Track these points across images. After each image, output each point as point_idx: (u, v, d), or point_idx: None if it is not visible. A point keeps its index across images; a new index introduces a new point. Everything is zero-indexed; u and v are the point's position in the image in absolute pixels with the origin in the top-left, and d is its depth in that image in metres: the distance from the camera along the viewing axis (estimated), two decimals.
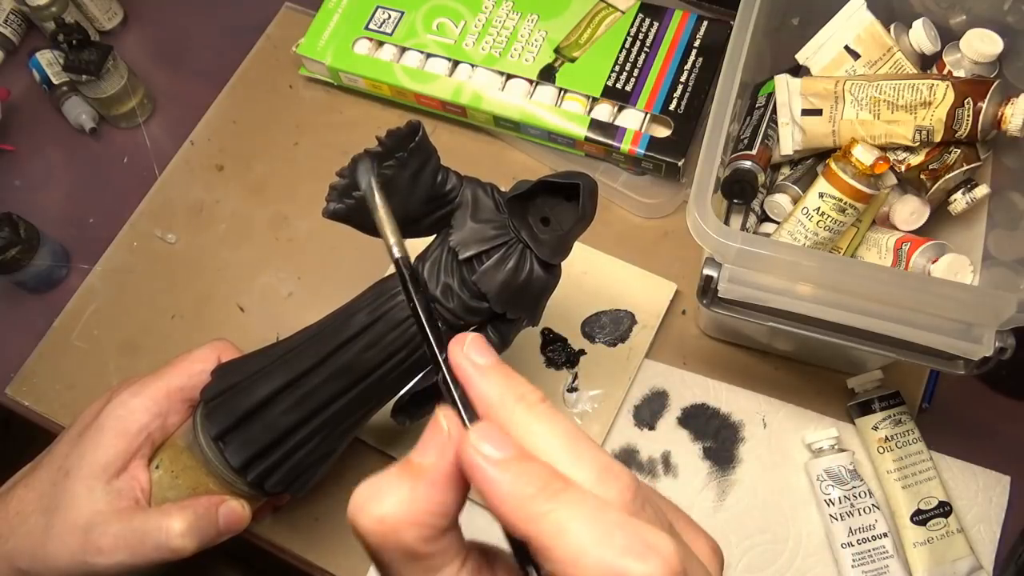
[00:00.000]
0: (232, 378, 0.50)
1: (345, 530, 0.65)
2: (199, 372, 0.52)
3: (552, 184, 0.45)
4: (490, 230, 0.45)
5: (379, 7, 0.80)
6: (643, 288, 0.70)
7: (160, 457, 0.52)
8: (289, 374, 0.48)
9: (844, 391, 0.66)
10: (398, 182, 0.43)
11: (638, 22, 0.76)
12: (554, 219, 0.46)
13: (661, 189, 0.73)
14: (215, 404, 0.50)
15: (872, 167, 0.56)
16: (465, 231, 0.45)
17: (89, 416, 0.52)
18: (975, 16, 0.61)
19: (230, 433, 0.49)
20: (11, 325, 0.75)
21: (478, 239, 0.45)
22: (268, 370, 0.49)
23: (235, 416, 0.49)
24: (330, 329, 0.48)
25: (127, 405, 0.51)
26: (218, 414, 0.50)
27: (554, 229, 0.46)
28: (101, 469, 0.49)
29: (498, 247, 0.45)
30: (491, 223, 0.46)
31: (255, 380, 0.49)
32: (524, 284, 0.46)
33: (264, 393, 0.48)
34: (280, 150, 0.80)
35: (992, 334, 0.50)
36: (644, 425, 0.66)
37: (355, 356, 0.47)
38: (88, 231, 0.78)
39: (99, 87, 0.77)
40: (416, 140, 0.43)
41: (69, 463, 0.50)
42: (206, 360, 0.53)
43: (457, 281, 0.46)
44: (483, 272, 0.45)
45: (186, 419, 0.53)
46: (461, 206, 0.46)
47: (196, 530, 0.49)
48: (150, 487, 0.51)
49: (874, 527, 0.60)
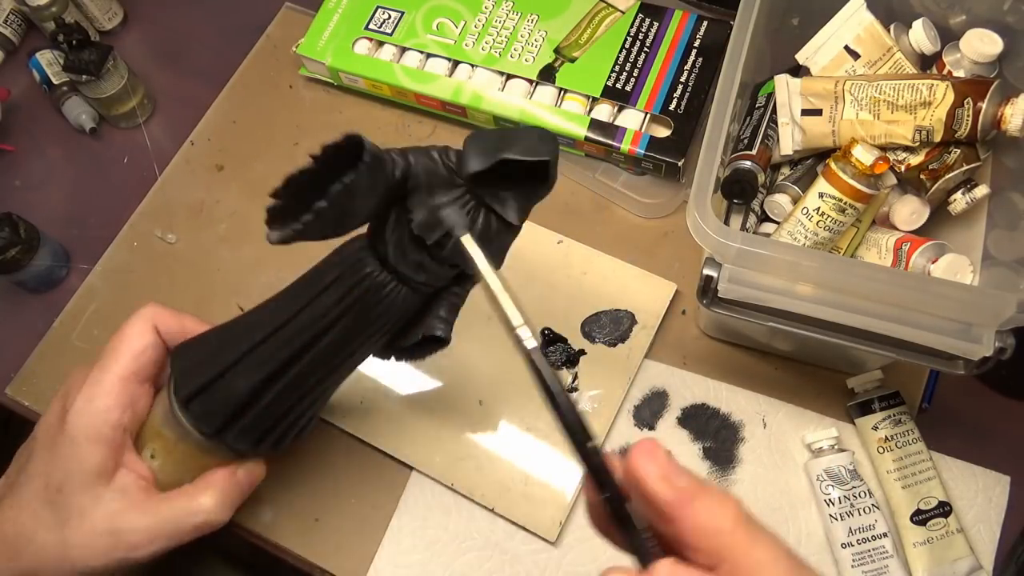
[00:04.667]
0: (205, 370, 0.49)
1: (345, 530, 0.65)
2: (144, 349, 0.51)
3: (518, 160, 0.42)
4: (448, 203, 0.43)
5: (379, 7, 0.80)
6: (643, 288, 0.70)
7: (151, 447, 0.52)
8: (272, 365, 0.47)
9: (844, 391, 0.66)
10: (355, 205, 0.41)
11: (638, 22, 0.76)
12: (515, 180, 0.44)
13: (661, 189, 0.73)
14: (198, 403, 0.49)
15: (872, 167, 0.56)
16: (425, 211, 0.43)
17: (51, 427, 0.50)
18: (975, 16, 0.61)
19: (226, 429, 0.50)
20: (11, 325, 0.75)
21: (439, 218, 0.43)
22: (246, 361, 0.48)
23: (226, 414, 0.49)
24: (296, 318, 0.47)
25: (91, 410, 0.49)
26: (206, 414, 0.49)
27: (515, 187, 0.44)
28: (95, 477, 0.49)
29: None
30: (449, 195, 0.43)
31: (236, 372, 0.48)
32: (491, 243, 0.44)
33: (251, 386, 0.48)
34: (280, 150, 0.80)
35: (992, 334, 0.50)
36: (644, 425, 0.66)
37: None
38: (88, 231, 0.78)
39: (99, 87, 0.78)
40: (367, 158, 0.40)
41: (56, 479, 0.49)
42: (144, 334, 0.51)
43: (426, 257, 0.45)
44: (453, 248, 0.43)
45: (152, 398, 0.52)
46: (416, 187, 0.43)
47: (226, 499, 0.51)
48: (152, 474, 0.51)
49: (874, 527, 0.60)
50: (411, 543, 0.64)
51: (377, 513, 0.65)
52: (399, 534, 0.64)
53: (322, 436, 0.66)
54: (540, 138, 0.42)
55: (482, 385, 0.67)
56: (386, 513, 0.65)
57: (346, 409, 0.67)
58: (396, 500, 0.65)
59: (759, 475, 0.65)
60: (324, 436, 0.67)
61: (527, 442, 0.65)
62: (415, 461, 0.65)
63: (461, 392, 0.67)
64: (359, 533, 0.64)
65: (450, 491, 0.65)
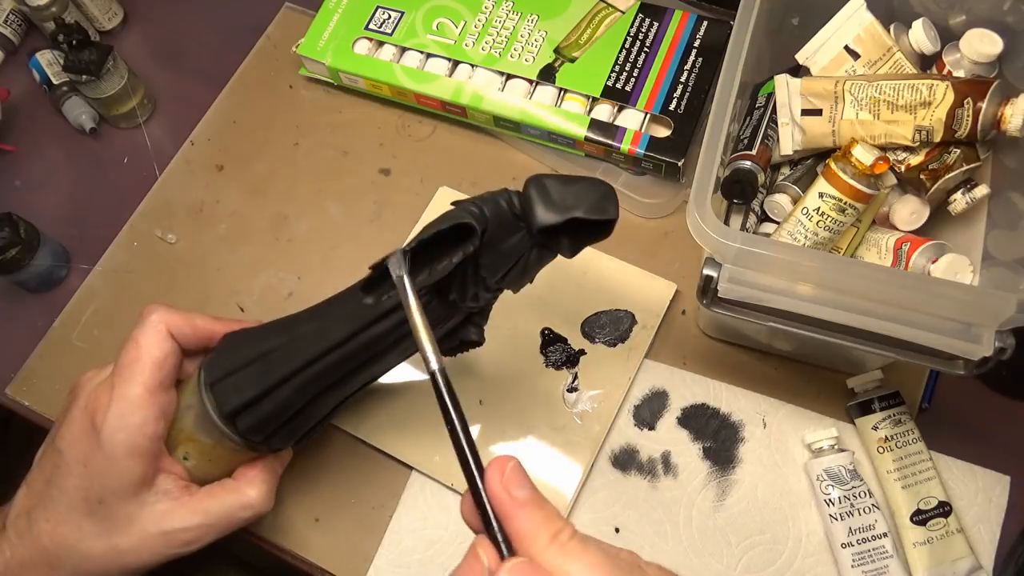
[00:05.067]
0: (248, 386, 0.50)
1: (345, 530, 0.65)
2: (165, 358, 0.51)
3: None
4: (512, 247, 0.46)
5: (379, 7, 0.80)
6: (643, 288, 0.70)
7: (184, 450, 0.52)
8: (324, 382, 0.50)
9: (844, 391, 0.66)
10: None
11: (638, 22, 0.76)
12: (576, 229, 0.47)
13: (661, 189, 0.73)
14: (243, 418, 0.50)
15: (872, 167, 0.56)
16: (492, 257, 0.46)
17: (80, 442, 0.50)
18: (975, 16, 0.61)
19: (272, 436, 0.52)
20: (11, 325, 0.75)
21: (503, 260, 0.47)
22: (296, 380, 0.49)
23: (275, 426, 0.51)
24: (352, 340, 0.49)
25: (126, 426, 0.49)
26: (253, 427, 0.50)
27: (575, 233, 0.48)
28: (138, 487, 0.50)
29: (520, 256, 0.47)
30: (512, 240, 0.46)
31: (286, 389, 0.49)
32: (536, 268, 0.49)
33: (303, 402, 0.50)
34: (280, 150, 0.80)
35: (992, 334, 0.49)
36: (644, 425, 0.66)
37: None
38: (88, 231, 0.78)
39: (99, 87, 0.78)
40: (475, 244, 0.43)
41: (95, 493, 0.49)
42: (162, 343, 0.52)
43: (482, 288, 0.48)
44: (509, 281, 0.48)
45: (176, 400, 0.53)
46: (488, 238, 0.46)
47: (270, 490, 0.55)
48: (186, 472, 0.53)
49: (874, 527, 0.60)
50: (411, 543, 0.64)
51: (377, 513, 0.65)
52: (399, 534, 0.64)
53: (323, 436, 0.66)
54: (605, 196, 0.46)
55: (482, 385, 0.67)
56: (386, 513, 0.65)
57: (347, 410, 0.67)
58: (396, 500, 0.65)
59: (759, 475, 0.65)
60: (325, 436, 0.67)
61: (527, 442, 0.65)
62: (415, 461, 0.65)
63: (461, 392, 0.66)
64: (359, 533, 0.64)
65: (450, 491, 0.65)
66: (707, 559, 0.63)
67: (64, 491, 0.50)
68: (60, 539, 0.50)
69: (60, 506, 0.50)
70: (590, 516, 0.64)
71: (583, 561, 0.32)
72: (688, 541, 0.63)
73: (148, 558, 0.51)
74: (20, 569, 0.50)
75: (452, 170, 0.77)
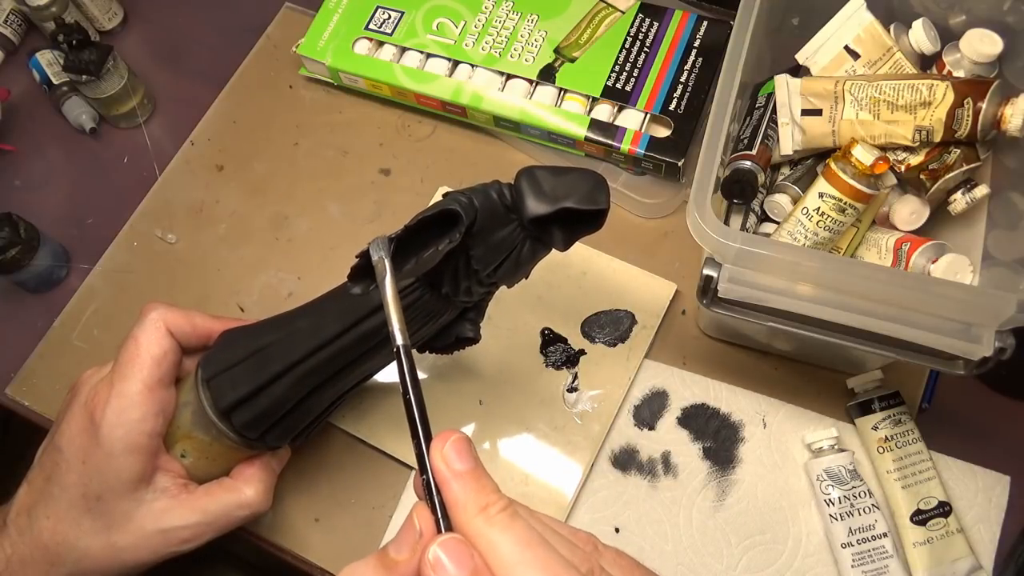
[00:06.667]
0: (244, 381, 0.50)
1: (345, 530, 0.65)
2: (164, 355, 0.52)
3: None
4: (503, 239, 0.46)
5: (379, 7, 0.80)
6: (643, 288, 0.70)
7: (181, 447, 0.53)
8: (319, 378, 0.50)
9: (844, 391, 0.66)
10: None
11: (638, 22, 0.76)
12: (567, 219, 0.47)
13: (661, 189, 0.73)
14: (239, 413, 0.51)
15: (872, 167, 0.56)
16: (483, 249, 0.46)
17: (79, 438, 0.50)
18: (975, 16, 0.61)
19: (268, 433, 0.52)
20: (11, 325, 0.75)
21: (495, 252, 0.46)
22: (291, 375, 0.50)
23: (270, 422, 0.51)
24: (345, 335, 0.50)
25: (124, 422, 0.49)
26: (249, 424, 0.51)
27: (566, 224, 0.47)
28: (136, 484, 0.50)
29: (512, 249, 0.47)
30: (503, 232, 0.46)
31: (280, 385, 0.50)
32: (530, 263, 0.49)
33: (298, 397, 0.51)
34: (280, 150, 0.80)
35: (992, 334, 0.49)
36: (644, 425, 0.66)
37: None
38: (88, 231, 0.78)
39: (99, 87, 0.78)
40: (461, 232, 0.43)
41: (93, 490, 0.50)
42: (160, 340, 0.52)
43: (475, 282, 0.48)
44: (502, 275, 0.48)
45: (176, 398, 0.53)
46: (479, 229, 0.46)
47: (268, 489, 0.55)
48: (184, 470, 0.53)
49: (874, 527, 0.60)
50: None
51: (377, 513, 0.65)
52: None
53: (322, 436, 0.66)
54: (596, 185, 0.45)
55: (482, 385, 0.67)
56: (386, 513, 0.65)
57: (346, 409, 0.67)
58: (396, 500, 0.65)
59: (759, 475, 0.65)
60: (324, 436, 0.67)
61: (527, 442, 0.65)
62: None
63: (461, 392, 0.67)
64: (359, 533, 0.64)
65: None
66: (707, 559, 0.63)
67: (64, 488, 0.50)
68: (60, 536, 0.50)
69: (60, 503, 0.50)
70: (590, 516, 0.64)
71: (508, 534, 0.32)
72: (688, 541, 0.63)
73: (146, 556, 0.51)
74: (21, 566, 0.50)
75: (452, 170, 0.77)
